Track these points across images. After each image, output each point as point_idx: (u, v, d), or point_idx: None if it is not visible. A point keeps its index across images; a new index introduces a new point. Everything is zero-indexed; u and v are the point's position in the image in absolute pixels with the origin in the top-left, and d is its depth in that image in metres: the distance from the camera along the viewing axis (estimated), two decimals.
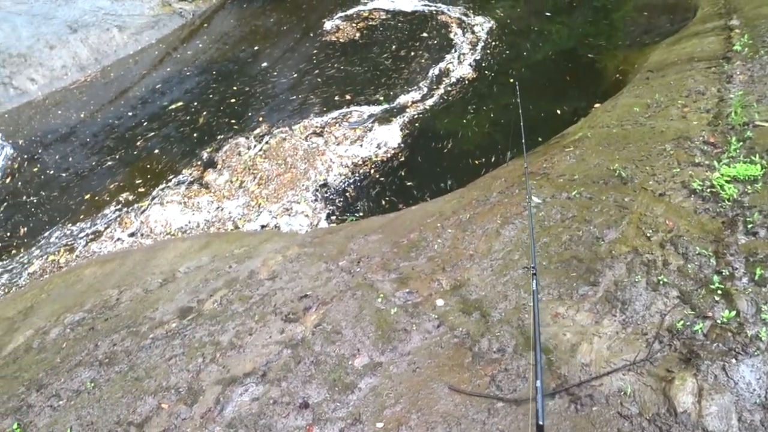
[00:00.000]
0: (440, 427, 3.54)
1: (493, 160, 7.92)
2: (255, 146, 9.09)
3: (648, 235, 4.71)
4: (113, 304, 5.91)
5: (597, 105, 8.46)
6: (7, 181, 9.52)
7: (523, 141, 5.24)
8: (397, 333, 4.36)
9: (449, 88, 9.99)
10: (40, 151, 10.17)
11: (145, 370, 4.66)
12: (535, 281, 3.31)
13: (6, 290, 7.44)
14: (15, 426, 4.39)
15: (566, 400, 3.53)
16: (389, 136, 8.89)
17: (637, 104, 7.35)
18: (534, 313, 2.99)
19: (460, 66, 10.74)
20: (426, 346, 4.20)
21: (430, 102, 9.71)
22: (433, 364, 4.03)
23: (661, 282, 4.20)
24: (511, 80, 9.90)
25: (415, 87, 10.18)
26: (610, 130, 6.90)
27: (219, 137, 9.54)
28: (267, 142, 9.11)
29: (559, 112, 8.84)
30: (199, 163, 9.01)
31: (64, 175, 9.46)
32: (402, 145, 8.73)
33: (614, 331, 3.92)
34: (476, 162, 8.05)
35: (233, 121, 9.97)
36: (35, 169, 9.69)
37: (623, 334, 3.88)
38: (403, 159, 8.45)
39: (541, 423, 2.31)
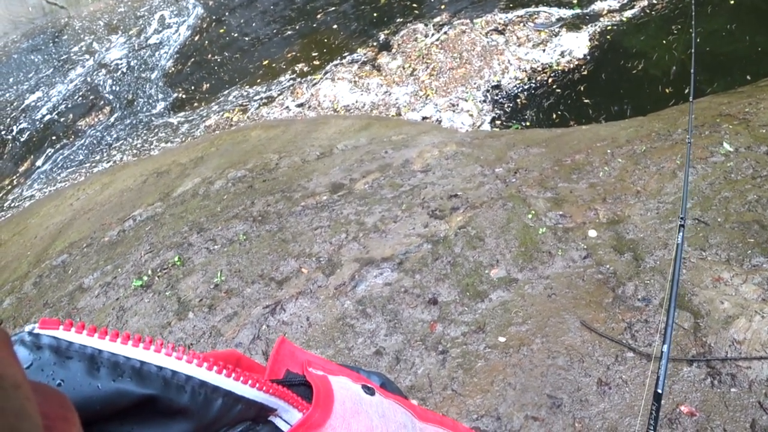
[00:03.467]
0: (562, 358, 3.46)
1: (686, 91, 6.97)
2: (432, 35, 8.85)
3: None
4: (272, 168, 6.34)
5: None
6: (196, 38, 10.26)
7: (692, 71, 4.44)
8: (540, 254, 4.23)
9: (654, 1, 8.79)
10: (226, 14, 10.75)
11: (292, 234, 5.01)
12: (681, 234, 2.90)
13: (183, 139, 8.28)
14: (176, 258, 5.03)
15: (704, 372, 3.24)
16: (575, 45, 8.15)
17: None
18: (674, 271, 2.65)
19: None
20: (567, 274, 4.03)
21: (628, 13, 8.63)
22: (570, 294, 3.88)
23: None
24: None
25: None
26: None
27: (398, 20, 9.39)
28: (445, 33, 8.81)
29: None
30: (374, 44, 9.01)
31: (246, 39, 9.99)
32: (587, 57, 7.99)
33: None
34: (666, 91, 7.17)
35: (414, 5, 9.70)
36: (221, 31, 10.32)
37: None
38: (585, 73, 7.76)
39: (659, 391, 2.12)
